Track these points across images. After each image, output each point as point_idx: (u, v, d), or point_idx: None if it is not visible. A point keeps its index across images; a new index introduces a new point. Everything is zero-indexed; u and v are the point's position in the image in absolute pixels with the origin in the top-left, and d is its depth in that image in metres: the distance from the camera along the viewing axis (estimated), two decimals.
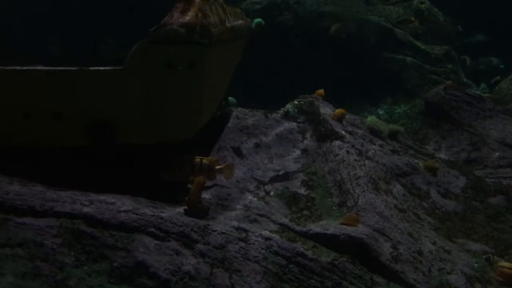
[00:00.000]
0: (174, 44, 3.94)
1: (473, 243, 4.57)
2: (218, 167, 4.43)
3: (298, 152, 5.62)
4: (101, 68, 4.01)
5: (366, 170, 5.03)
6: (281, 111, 5.88)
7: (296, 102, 6.11)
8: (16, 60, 4.19)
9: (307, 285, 3.56)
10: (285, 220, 4.20)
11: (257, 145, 5.50)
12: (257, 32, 8.73)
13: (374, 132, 6.48)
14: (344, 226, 4.03)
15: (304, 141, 5.81)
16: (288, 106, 5.96)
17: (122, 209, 3.54)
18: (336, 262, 3.70)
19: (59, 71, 4.00)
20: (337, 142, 5.55)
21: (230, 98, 7.18)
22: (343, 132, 5.77)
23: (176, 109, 4.23)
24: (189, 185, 4.19)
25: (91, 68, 4.01)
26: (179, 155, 4.37)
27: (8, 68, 3.97)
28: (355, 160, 5.21)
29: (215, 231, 3.65)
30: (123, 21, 8.64)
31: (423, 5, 10.35)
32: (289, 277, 3.57)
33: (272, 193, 4.76)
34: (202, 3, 4.14)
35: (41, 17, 9.07)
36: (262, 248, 3.66)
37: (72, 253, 3.18)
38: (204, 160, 4.33)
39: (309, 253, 3.74)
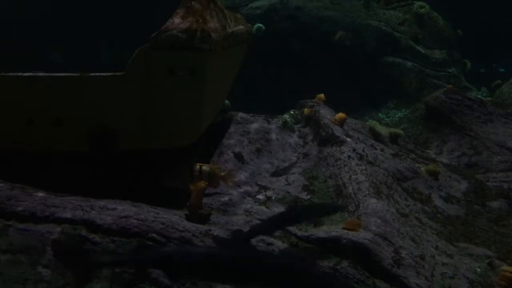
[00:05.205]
0: (175, 49, 3.95)
1: (475, 247, 4.56)
2: (220, 174, 4.43)
3: (299, 156, 5.62)
4: (102, 73, 4.02)
5: (367, 174, 5.02)
6: (280, 122, 5.90)
7: (292, 112, 6.14)
8: (16, 65, 4.20)
9: None
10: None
11: (258, 150, 5.51)
12: (258, 37, 8.75)
13: (375, 136, 6.48)
14: (345, 231, 4.02)
15: (305, 146, 5.82)
16: (286, 116, 5.99)
17: (123, 214, 3.53)
18: (338, 267, 3.68)
19: (61, 77, 4.01)
20: (338, 147, 5.55)
21: (226, 102, 7.20)
22: (344, 137, 5.77)
23: (177, 114, 4.24)
24: (190, 191, 4.19)
25: (92, 74, 4.01)
26: (180, 161, 4.37)
27: (11, 74, 3.98)
28: (356, 164, 5.20)
29: (216, 236, 3.64)
30: (124, 27, 8.65)
31: (423, 9, 10.37)
32: None
33: (273, 197, 4.76)
34: (202, 8, 4.15)
35: (42, 21, 9.09)
36: None
37: None
38: (204, 167, 4.32)
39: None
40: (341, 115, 6.19)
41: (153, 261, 2.87)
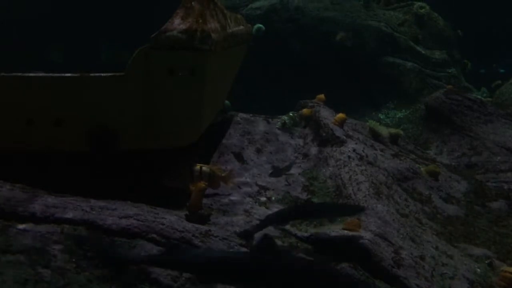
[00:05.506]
0: (175, 49, 3.95)
1: (475, 248, 4.56)
2: (220, 174, 4.43)
3: (299, 157, 5.61)
4: (102, 74, 4.02)
5: (367, 175, 5.02)
6: (279, 122, 5.91)
7: (291, 114, 6.15)
8: (16, 65, 4.20)
9: None
10: (287, 225, 4.19)
11: (258, 150, 5.51)
12: (258, 37, 8.76)
13: (375, 136, 6.48)
14: (345, 231, 4.02)
15: (305, 146, 5.81)
16: (285, 117, 6.01)
17: (123, 215, 3.53)
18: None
19: (61, 77, 4.01)
20: (338, 147, 5.55)
21: (226, 102, 7.23)
22: (344, 137, 5.77)
23: (177, 114, 4.24)
24: (190, 191, 4.19)
25: (92, 74, 4.01)
26: (180, 161, 4.37)
27: (11, 74, 3.98)
28: (356, 164, 5.20)
29: (216, 236, 3.64)
30: (124, 27, 8.66)
31: (423, 9, 10.37)
32: None
33: (273, 198, 4.76)
34: (202, 9, 4.15)
35: (42, 21, 9.10)
36: None
37: (74, 259, 3.18)
38: (204, 168, 4.32)
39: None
40: (341, 115, 6.19)
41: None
